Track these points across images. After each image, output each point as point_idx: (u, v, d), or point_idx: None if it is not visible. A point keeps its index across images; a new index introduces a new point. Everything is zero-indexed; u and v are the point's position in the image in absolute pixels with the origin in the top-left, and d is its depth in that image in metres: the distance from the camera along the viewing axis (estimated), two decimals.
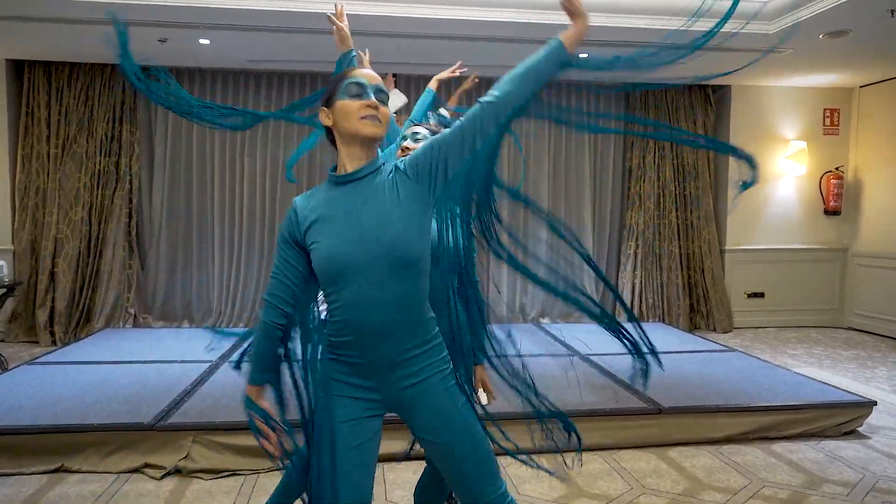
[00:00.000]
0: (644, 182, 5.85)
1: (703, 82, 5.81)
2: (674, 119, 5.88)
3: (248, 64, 5.23)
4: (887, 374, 4.43)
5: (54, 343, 5.00)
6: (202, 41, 4.47)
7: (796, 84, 5.85)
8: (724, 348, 4.46)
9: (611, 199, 5.99)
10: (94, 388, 3.27)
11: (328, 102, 1.39)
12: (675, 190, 5.91)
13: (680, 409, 3.09)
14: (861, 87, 5.93)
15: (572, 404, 3.10)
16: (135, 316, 5.30)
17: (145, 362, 3.86)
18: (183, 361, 3.88)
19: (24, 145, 5.10)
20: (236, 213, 5.48)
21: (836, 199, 5.96)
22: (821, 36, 4.29)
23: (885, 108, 5.70)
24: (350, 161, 1.37)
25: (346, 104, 1.35)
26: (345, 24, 2.00)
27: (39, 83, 5.09)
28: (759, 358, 4.20)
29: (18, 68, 5.14)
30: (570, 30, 1.34)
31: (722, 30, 1.38)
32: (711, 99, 5.91)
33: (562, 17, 1.35)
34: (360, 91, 1.35)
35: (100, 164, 5.18)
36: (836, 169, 5.99)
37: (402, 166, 1.38)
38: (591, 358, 4.08)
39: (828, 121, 6.02)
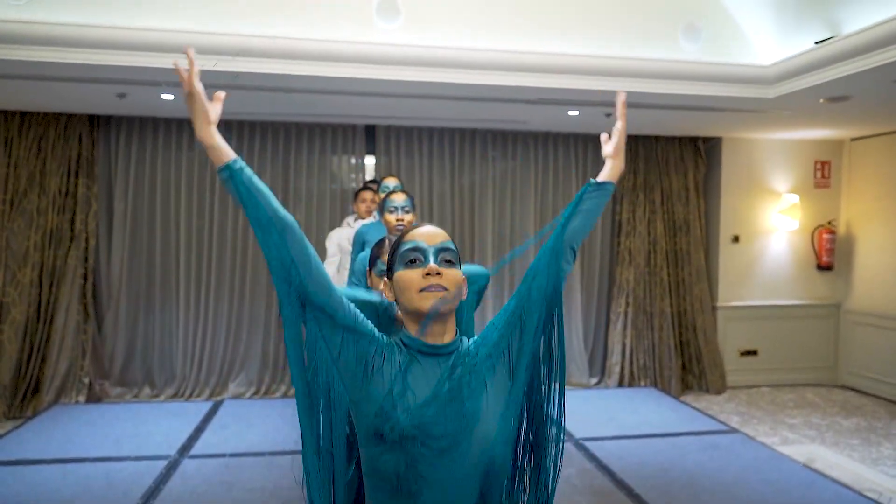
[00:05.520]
0: (634, 237, 5.62)
1: (694, 136, 5.65)
2: (664, 172, 5.68)
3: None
4: (893, 452, 4.21)
5: None
6: (165, 96, 4.13)
7: (787, 137, 5.70)
8: (725, 428, 4.21)
9: (599, 255, 5.75)
10: (28, 501, 2.87)
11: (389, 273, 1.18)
12: (666, 245, 5.69)
13: None
14: (852, 140, 5.81)
15: None
16: (90, 385, 4.86)
17: (92, 460, 3.45)
18: (137, 458, 3.49)
19: None
20: (203, 274, 5.10)
21: (829, 255, 5.80)
22: (821, 101, 4.12)
23: (875, 162, 5.58)
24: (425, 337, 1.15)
25: (403, 274, 1.14)
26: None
27: None
28: (763, 443, 3.95)
29: None
30: (613, 170, 1.34)
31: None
32: (702, 151, 5.73)
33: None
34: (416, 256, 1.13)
35: (52, 222, 4.76)
36: (829, 223, 5.84)
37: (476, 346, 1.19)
38: (586, 444, 3.79)
39: (819, 174, 5.88)
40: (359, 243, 3.33)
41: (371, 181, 4.67)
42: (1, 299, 4.66)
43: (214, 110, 1.13)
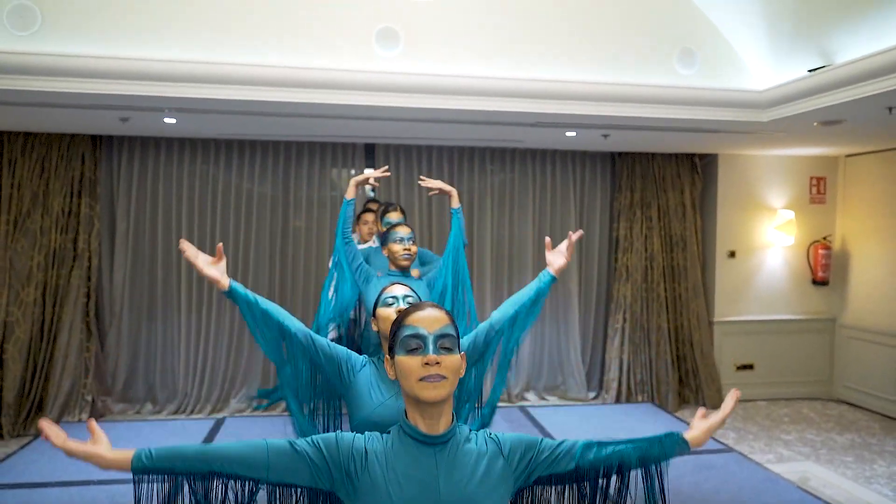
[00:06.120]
0: (631, 253, 5.67)
1: (690, 153, 5.71)
2: (661, 188, 5.73)
3: (219, 135, 4.94)
4: (887, 469, 4.27)
5: (1, 437, 4.59)
6: (168, 120, 4.18)
7: (783, 153, 5.76)
8: (721, 447, 4.26)
9: (597, 271, 5.80)
10: None
11: (391, 352, 1.24)
12: (663, 261, 5.74)
13: None
14: (847, 156, 5.87)
15: None
16: (93, 402, 4.91)
17: (96, 483, 3.50)
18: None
19: None
20: (204, 291, 5.15)
21: (825, 270, 5.85)
22: (815, 124, 4.17)
23: (870, 179, 5.64)
24: (423, 421, 1.20)
25: (404, 361, 1.18)
26: None
27: None
28: (758, 463, 4.00)
29: None
30: (695, 440, 1.37)
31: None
32: (698, 168, 5.79)
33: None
34: (417, 344, 1.17)
35: (55, 241, 4.81)
36: (824, 239, 5.90)
37: (497, 439, 1.24)
38: None
39: (814, 189, 5.94)
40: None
41: (372, 200, 4.73)
42: (5, 319, 4.71)
43: (96, 447, 1.20)
